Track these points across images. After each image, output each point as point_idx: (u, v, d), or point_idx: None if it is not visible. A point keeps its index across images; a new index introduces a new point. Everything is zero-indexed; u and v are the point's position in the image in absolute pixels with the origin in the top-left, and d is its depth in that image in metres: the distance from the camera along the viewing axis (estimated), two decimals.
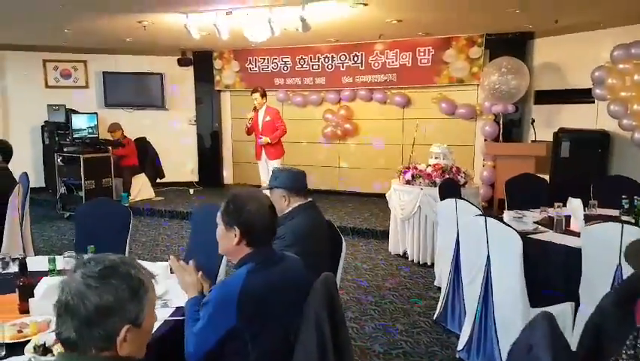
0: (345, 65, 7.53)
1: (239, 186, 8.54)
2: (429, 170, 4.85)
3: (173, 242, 5.88)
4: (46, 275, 2.21)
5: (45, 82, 8.07)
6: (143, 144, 7.90)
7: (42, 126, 7.92)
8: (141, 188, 7.70)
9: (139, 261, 1.21)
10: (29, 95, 7.86)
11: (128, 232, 3.21)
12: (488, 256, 2.81)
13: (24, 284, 1.98)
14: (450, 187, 4.20)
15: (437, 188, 4.35)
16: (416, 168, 4.93)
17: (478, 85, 6.73)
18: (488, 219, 2.78)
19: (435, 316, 3.60)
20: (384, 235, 5.58)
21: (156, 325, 1.80)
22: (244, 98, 8.11)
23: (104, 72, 8.25)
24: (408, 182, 4.89)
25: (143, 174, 7.77)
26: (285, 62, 7.95)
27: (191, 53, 8.46)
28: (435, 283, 4.29)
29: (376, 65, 7.33)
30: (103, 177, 6.90)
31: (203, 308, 1.67)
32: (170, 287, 2.19)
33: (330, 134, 7.84)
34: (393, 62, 7.23)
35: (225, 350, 1.63)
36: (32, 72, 7.94)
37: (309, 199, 2.52)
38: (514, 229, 2.69)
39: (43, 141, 7.93)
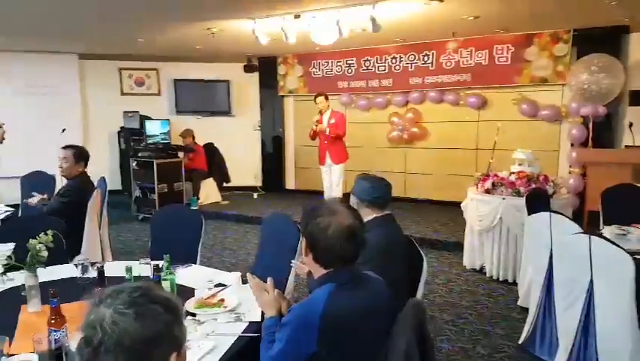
0: (414, 65, 7.23)
1: (300, 192, 8.47)
2: (512, 178, 4.46)
3: (240, 245, 5.91)
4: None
5: (121, 90, 8.43)
6: (210, 150, 8.04)
7: (118, 132, 8.27)
8: (209, 192, 7.85)
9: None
10: (106, 103, 8.23)
11: (200, 237, 3.20)
12: (591, 280, 2.46)
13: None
14: (538, 198, 3.82)
15: (521, 198, 3.97)
16: (497, 176, 4.55)
17: (563, 85, 6.18)
18: (593, 238, 2.43)
19: (521, 340, 3.25)
20: (458, 248, 5.23)
21: (230, 340, 1.78)
22: (307, 103, 8.08)
23: (175, 80, 8.49)
24: (487, 191, 4.51)
25: (211, 178, 7.92)
26: (350, 64, 7.79)
27: (256, 60, 8.52)
28: (518, 303, 3.90)
29: (448, 64, 6.96)
30: (174, 181, 7.08)
31: (281, 330, 1.54)
32: (243, 300, 2.10)
33: (396, 139, 7.56)
34: (467, 60, 6.82)
35: None
36: (109, 80, 8.32)
37: (387, 212, 2.31)
38: (624, 250, 2.34)
39: (120, 146, 8.28)
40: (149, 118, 7.77)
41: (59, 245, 2.56)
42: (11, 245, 2.13)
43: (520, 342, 3.25)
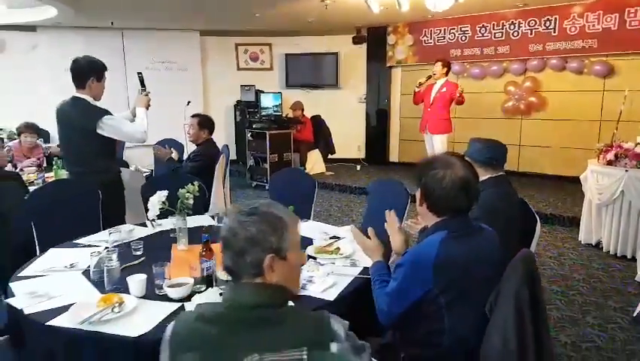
0: (534, 31, 6.78)
1: (404, 165, 8.47)
2: (638, 149, 4.10)
3: (344, 213, 6.15)
4: None
5: (237, 65, 9.02)
6: (317, 122, 8.33)
7: (234, 105, 8.90)
8: (315, 163, 8.16)
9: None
10: (224, 77, 8.87)
11: (312, 201, 3.47)
12: None
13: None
14: None
15: None
16: (621, 147, 4.21)
17: None
18: None
19: (635, 313, 3.11)
20: (573, 223, 4.98)
21: (347, 280, 2.00)
22: (416, 73, 7.99)
23: (286, 54, 8.87)
24: (609, 162, 4.21)
25: (317, 149, 8.22)
26: (464, 31, 7.50)
27: (365, 31, 8.55)
28: (636, 279, 3.69)
29: (573, 29, 6.44)
30: (284, 152, 7.50)
31: (396, 270, 1.69)
32: (357, 249, 2.28)
33: (512, 109, 7.20)
34: (594, 25, 6.25)
35: (420, 312, 1.63)
36: (226, 56, 8.93)
37: (501, 172, 2.32)
38: None
39: (235, 119, 8.92)
40: (262, 92, 8.26)
41: (202, 195, 2.95)
42: (165, 192, 2.52)
43: (634, 315, 3.11)
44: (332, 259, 2.21)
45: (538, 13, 6.68)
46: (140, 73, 3.51)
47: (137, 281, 1.92)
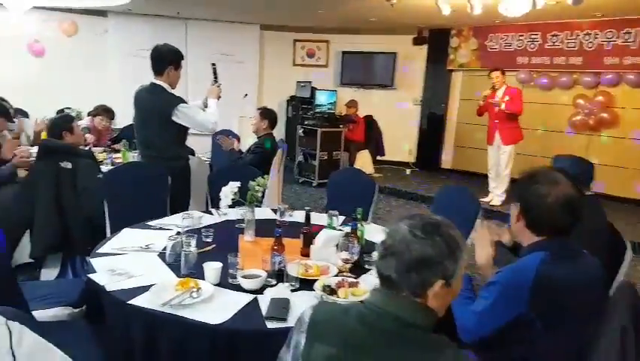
0: (611, 43, 6.44)
1: (456, 172, 8.29)
2: None
3: (392, 217, 6.05)
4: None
5: (293, 60, 9.06)
6: (369, 122, 8.25)
7: (287, 100, 8.95)
8: (363, 163, 8.04)
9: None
10: (279, 72, 8.94)
11: (371, 203, 3.40)
12: None
13: (308, 233, 2.24)
14: None
15: None
16: None
17: None
18: None
19: None
20: None
21: None
22: (477, 78, 7.80)
23: (343, 52, 8.84)
24: None
25: (367, 150, 8.14)
26: (533, 38, 7.21)
27: (427, 32, 8.40)
28: None
29: None
30: (334, 150, 7.49)
31: (487, 289, 1.60)
32: None
33: (580, 123, 6.85)
34: None
35: (510, 335, 1.54)
36: (284, 51, 8.99)
37: (589, 193, 2.20)
38: None
39: (287, 114, 8.96)
40: (317, 88, 8.25)
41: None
42: (238, 183, 2.55)
43: None
44: None
45: (617, 25, 6.34)
46: (214, 64, 3.57)
47: (213, 269, 1.93)
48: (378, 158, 8.38)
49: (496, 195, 6.16)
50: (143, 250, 2.23)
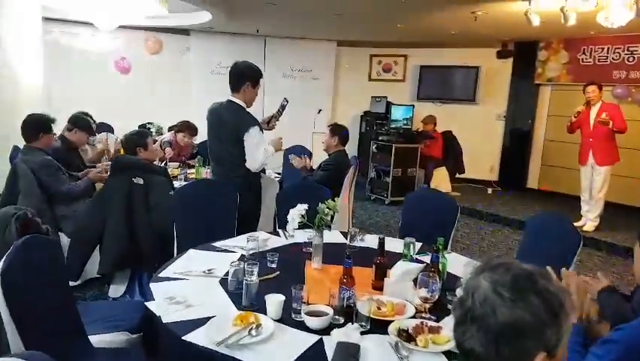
0: None
1: (547, 194, 7.61)
2: None
3: (471, 239, 5.68)
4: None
5: (369, 75, 8.88)
6: (448, 138, 7.82)
7: (361, 116, 8.76)
8: (440, 181, 7.67)
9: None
10: (354, 87, 8.79)
11: (452, 228, 3.07)
12: None
13: (381, 263, 1.99)
14: None
15: None
16: None
17: None
18: None
19: None
20: None
21: None
22: (567, 93, 7.26)
23: (421, 66, 8.52)
24: None
25: (444, 167, 7.73)
26: (632, 51, 6.55)
27: (512, 45, 7.88)
28: None
29: None
30: (409, 167, 7.18)
31: (602, 347, 1.28)
32: None
33: None
34: None
35: None
36: (359, 66, 8.83)
37: None
38: None
39: (360, 129, 8.76)
40: (392, 103, 8.00)
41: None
42: (305, 206, 2.36)
43: None
44: None
45: None
46: (287, 101, 3.46)
47: (275, 303, 1.75)
48: (457, 176, 7.93)
49: (588, 219, 5.60)
50: (205, 275, 2.10)
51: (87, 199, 3.68)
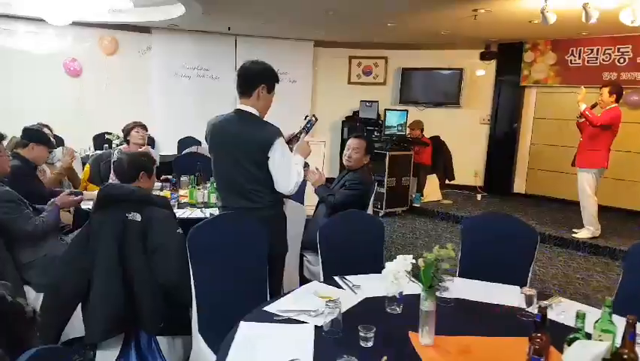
0: None
1: (534, 198, 7.41)
2: None
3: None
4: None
5: (348, 78, 8.32)
6: (437, 143, 7.43)
7: (342, 121, 8.18)
8: (432, 190, 7.29)
9: None
10: (332, 91, 8.22)
11: (532, 259, 2.55)
12: None
13: (542, 341, 1.40)
14: None
15: None
16: None
17: None
18: None
19: None
20: None
21: None
22: (555, 95, 7.14)
23: (403, 68, 8.08)
24: None
25: (435, 175, 7.33)
26: (623, 52, 6.41)
27: (495, 46, 7.60)
28: None
29: None
30: (403, 176, 6.72)
31: None
32: None
33: None
34: None
35: None
36: (338, 68, 8.26)
37: None
38: None
39: (342, 136, 8.17)
40: (388, 109, 7.51)
41: None
42: (411, 257, 1.68)
43: None
44: None
45: None
46: (316, 118, 2.76)
47: None
48: (447, 182, 7.55)
49: (585, 227, 5.39)
50: None
51: (59, 236, 2.87)
